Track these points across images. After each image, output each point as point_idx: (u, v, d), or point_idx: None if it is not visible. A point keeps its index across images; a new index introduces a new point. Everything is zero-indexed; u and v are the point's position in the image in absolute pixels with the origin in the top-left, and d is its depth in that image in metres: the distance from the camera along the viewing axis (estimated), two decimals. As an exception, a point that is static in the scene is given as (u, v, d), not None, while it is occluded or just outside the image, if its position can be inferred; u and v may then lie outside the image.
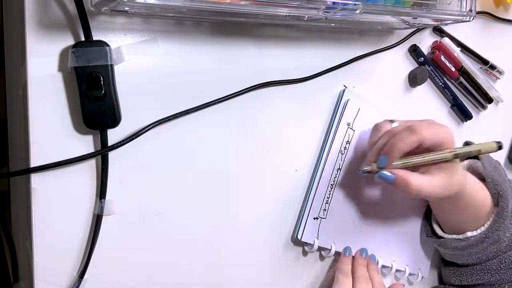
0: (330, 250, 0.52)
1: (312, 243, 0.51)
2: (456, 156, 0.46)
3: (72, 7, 0.36)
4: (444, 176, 0.46)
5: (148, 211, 0.43)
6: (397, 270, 0.59)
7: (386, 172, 0.46)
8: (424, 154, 0.46)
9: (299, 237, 0.50)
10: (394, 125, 0.48)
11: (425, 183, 0.45)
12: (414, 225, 0.61)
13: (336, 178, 0.52)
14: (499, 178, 0.54)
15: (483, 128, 0.69)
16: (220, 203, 0.47)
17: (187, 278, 0.46)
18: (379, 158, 0.46)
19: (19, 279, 0.45)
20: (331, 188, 0.52)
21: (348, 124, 0.52)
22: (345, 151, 0.53)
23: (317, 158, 0.52)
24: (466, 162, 0.60)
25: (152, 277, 0.44)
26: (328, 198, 0.52)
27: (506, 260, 0.54)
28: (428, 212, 0.61)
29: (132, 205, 0.42)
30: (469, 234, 0.54)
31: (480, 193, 0.52)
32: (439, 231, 0.58)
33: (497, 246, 0.53)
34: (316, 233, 0.51)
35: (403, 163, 0.46)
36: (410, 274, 0.61)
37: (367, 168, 0.47)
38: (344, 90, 0.52)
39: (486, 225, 0.53)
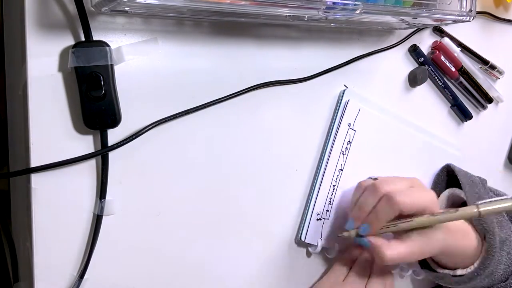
0: (334, 250, 0.52)
1: (316, 244, 0.51)
2: (436, 222, 0.46)
3: (72, 7, 0.36)
4: (422, 241, 0.46)
5: (148, 211, 0.43)
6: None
7: (363, 239, 0.47)
8: (404, 219, 0.46)
9: (302, 238, 0.50)
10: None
11: (400, 253, 0.45)
12: None
13: (338, 179, 0.52)
14: None
15: (483, 128, 0.69)
16: (220, 203, 0.46)
17: (187, 278, 0.46)
18: (362, 226, 0.47)
19: (19, 279, 0.45)
20: (333, 189, 0.52)
21: (349, 125, 0.52)
22: (347, 151, 0.53)
23: (318, 159, 0.52)
24: (447, 192, 0.59)
25: (152, 277, 0.44)
26: (330, 198, 0.52)
27: None
28: None
29: (132, 205, 0.42)
30: (459, 272, 0.53)
31: (465, 239, 0.52)
32: (432, 264, 0.57)
33: (491, 278, 0.52)
34: (319, 233, 0.51)
35: (381, 231, 0.46)
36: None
37: (345, 234, 0.48)
38: (344, 91, 0.52)
39: (476, 264, 0.52)
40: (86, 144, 0.39)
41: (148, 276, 0.44)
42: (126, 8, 0.37)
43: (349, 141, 0.53)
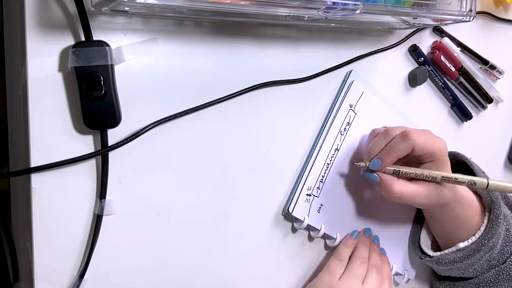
0: (319, 230, 0.51)
1: (302, 219, 0.50)
2: (444, 179, 0.46)
3: (72, 7, 0.36)
4: (431, 188, 0.47)
5: (148, 211, 0.43)
6: None
7: (373, 174, 0.47)
8: (416, 168, 0.47)
9: (290, 210, 0.49)
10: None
11: (408, 190, 0.46)
12: (408, 226, 0.61)
13: (333, 158, 0.52)
14: None
15: (483, 128, 0.69)
16: (220, 202, 0.47)
17: (187, 277, 0.46)
18: (372, 161, 0.47)
19: (19, 279, 0.45)
20: (327, 167, 0.52)
21: (351, 106, 0.52)
22: (345, 132, 0.52)
23: (316, 136, 0.52)
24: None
25: (152, 277, 0.44)
26: (323, 176, 0.51)
27: (504, 272, 0.52)
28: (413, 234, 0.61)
29: (132, 205, 0.42)
30: (461, 245, 0.52)
31: (471, 204, 0.52)
32: (429, 251, 0.57)
33: (490, 254, 0.52)
34: (307, 210, 0.51)
35: (394, 170, 0.47)
36: (396, 274, 0.59)
37: (361, 164, 0.48)
38: (351, 71, 0.52)
39: (478, 234, 0.52)
40: (86, 144, 0.39)
41: (148, 276, 0.44)
42: (126, 8, 0.37)
43: (348, 122, 0.52)
